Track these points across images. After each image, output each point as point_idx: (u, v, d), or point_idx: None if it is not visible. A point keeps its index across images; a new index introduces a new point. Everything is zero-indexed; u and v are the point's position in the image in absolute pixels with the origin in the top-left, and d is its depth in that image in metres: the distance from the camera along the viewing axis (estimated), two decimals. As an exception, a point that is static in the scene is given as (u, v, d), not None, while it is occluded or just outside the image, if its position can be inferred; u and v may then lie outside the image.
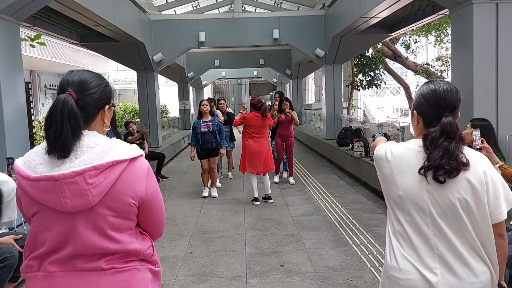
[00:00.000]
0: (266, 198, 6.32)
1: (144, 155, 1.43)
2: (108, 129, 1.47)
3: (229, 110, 8.61)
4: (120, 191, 1.32)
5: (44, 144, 1.33)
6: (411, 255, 1.53)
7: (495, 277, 1.54)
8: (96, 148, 1.30)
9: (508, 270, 2.70)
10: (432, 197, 1.49)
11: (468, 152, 1.51)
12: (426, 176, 1.48)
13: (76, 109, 1.30)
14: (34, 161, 1.30)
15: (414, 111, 1.60)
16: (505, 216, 1.51)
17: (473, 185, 1.47)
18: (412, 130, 1.76)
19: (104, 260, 1.35)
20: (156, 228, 1.52)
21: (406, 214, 1.54)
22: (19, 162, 1.33)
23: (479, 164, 1.50)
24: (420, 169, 1.49)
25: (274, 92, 8.33)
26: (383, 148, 1.63)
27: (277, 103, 7.83)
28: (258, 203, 6.18)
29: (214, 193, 6.86)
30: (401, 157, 1.56)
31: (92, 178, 1.26)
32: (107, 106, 1.43)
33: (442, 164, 1.45)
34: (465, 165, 1.46)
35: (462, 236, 1.49)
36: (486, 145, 2.78)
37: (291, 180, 7.73)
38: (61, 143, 1.27)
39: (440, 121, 1.49)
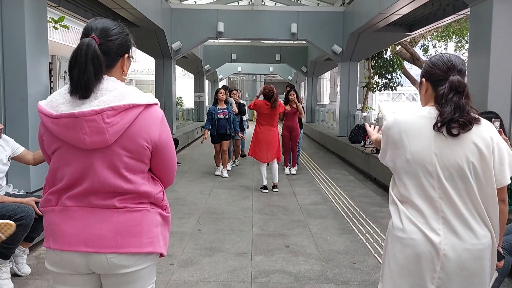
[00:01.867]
0: (272, 186, 6.39)
1: (159, 104, 1.51)
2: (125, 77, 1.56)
3: (241, 101, 8.72)
4: (135, 133, 1.40)
5: (66, 86, 1.41)
6: (416, 216, 1.57)
7: (495, 241, 1.59)
8: (115, 91, 1.38)
9: (511, 256, 2.72)
10: (440, 160, 1.54)
11: (477, 116, 1.56)
12: (442, 131, 1.53)
13: (99, 52, 1.37)
14: (57, 100, 1.39)
15: (423, 79, 1.67)
16: (509, 181, 1.57)
17: (480, 149, 1.52)
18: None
19: (117, 199, 1.43)
20: (168, 175, 1.59)
21: (413, 177, 1.59)
22: (43, 103, 1.42)
23: (486, 130, 1.56)
24: (434, 125, 1.54)
25: (286, 86, 8.41)
26: (392, 117, 1.69)
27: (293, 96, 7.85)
28: (266, 191, 6.26)
29: (225, 173, 7.40)
30: (411, 123, 1.61)
31: (110, 118, 1.34)
32: (126, 55, 1.51)
33: (456, 118, 1.51)
34: (477, 120, 1.53)
35: (467, 199, 1.53)
36: (504, 136, 2.76)
37: (293, 170, 7.87)
38: (84, 82, 1.34)
39: (448, 79, 1.56)
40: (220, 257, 3.71)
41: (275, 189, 6.34)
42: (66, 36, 12.69)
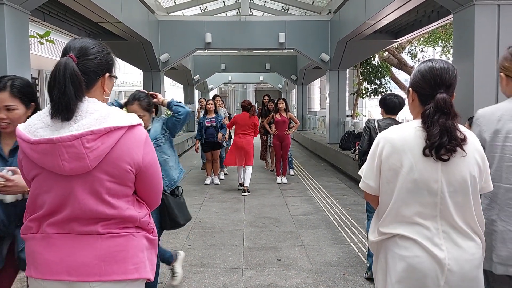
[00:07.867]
0: (243, 190, 6.88)
1: (143, 125, 1.46)
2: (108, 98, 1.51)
3: (223, 108, 8.71)
4: (117, 157, 1.34)
5: (45, 109, 1.36)
6: (419, 234, 1.52)
7: (484, 247, 1.59)
8: (95, 114, 1.33)
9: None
10: (446, 176, 1.49)
11: (462, 129, 1.53)
12: (432, 155, 1.48)
13: (77, 70, 1.33)
14: (35, 125, 1.34)
15: (410, 88, 1.62)
16: (492, 187, 1.61)
17: (478, 162, 1.53)
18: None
19: (100, 224, 1.37)
20: (153, 197, 1.54)
21: (418, 196, 1.52)
22: (21, 127, 1.36)
23: (476, 142, 1.55)
24: (424, 150, 1.48)
25: (263, 95, 8.79)
26: (387, 141, 1.56)
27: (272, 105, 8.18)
28: (241, 187, 6.91)
29: (217, 180, 7.82)
30: (409, 140, 1.53)
31: (90, 143, 1.29)
32: (107, 74, 1.45)
33: (443, 143, 1.46)
34: (463, 140, 1.48)
35: (464, 211, 1.52)
36: None
37: (284, 179, 7.88)
38: (64, 103, 1.29)
39: (435, 97, 1.50)
40: (210, 273, 3.63)
41: (246, 193, 6.79)
42: (53, 50, 12.61)
